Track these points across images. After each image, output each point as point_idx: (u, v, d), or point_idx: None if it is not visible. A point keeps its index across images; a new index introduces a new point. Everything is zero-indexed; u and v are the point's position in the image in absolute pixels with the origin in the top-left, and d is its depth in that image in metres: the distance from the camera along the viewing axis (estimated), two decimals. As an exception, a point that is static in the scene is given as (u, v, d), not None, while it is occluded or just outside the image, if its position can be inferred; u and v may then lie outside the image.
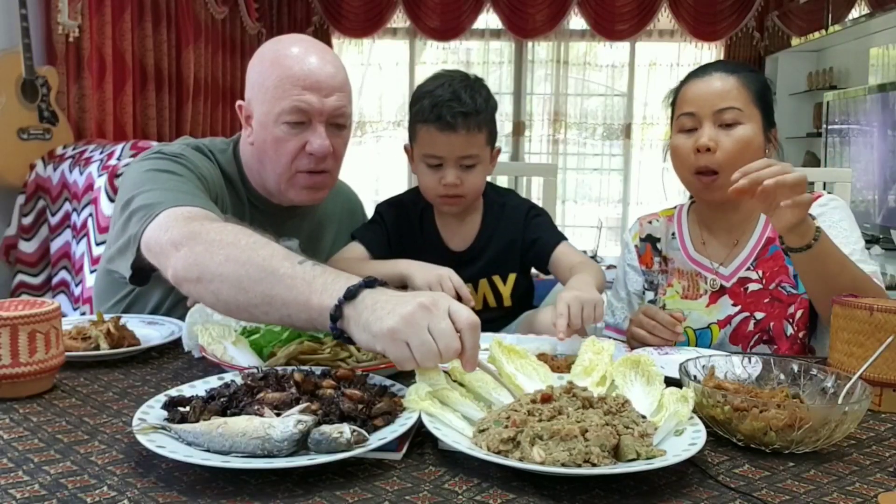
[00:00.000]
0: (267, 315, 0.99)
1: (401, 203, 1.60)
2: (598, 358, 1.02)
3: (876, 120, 4.19)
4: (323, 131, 1.34)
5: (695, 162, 1.37)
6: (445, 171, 1.44)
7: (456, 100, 1.40)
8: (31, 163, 3.00)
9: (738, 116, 1.35)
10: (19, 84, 2.97)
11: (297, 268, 0.97)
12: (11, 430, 0.88)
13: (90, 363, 1.15)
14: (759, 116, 1.37)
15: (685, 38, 6.27)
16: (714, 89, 1.37)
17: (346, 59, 6.47)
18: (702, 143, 1.34)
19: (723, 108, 1.35)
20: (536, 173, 2.39)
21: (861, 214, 4.23)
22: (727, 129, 1.35)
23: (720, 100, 1.35)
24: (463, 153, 1.43)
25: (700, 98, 1.37)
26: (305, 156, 1.34)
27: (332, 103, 1.33)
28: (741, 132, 1.35)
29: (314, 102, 1.31)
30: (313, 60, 1.33)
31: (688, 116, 1.38)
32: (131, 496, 0.72)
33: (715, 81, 1.37)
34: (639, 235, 1.57)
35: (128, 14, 3.71)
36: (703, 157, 1.35)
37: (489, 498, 0.73)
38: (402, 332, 0.85)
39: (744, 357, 1.02)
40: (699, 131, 1.36)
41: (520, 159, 6.37)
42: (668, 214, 1.57)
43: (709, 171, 1.36)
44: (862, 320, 1.01)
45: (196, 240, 1.07)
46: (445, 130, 1.40)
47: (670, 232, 1.54)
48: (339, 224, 1.63)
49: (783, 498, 0.74)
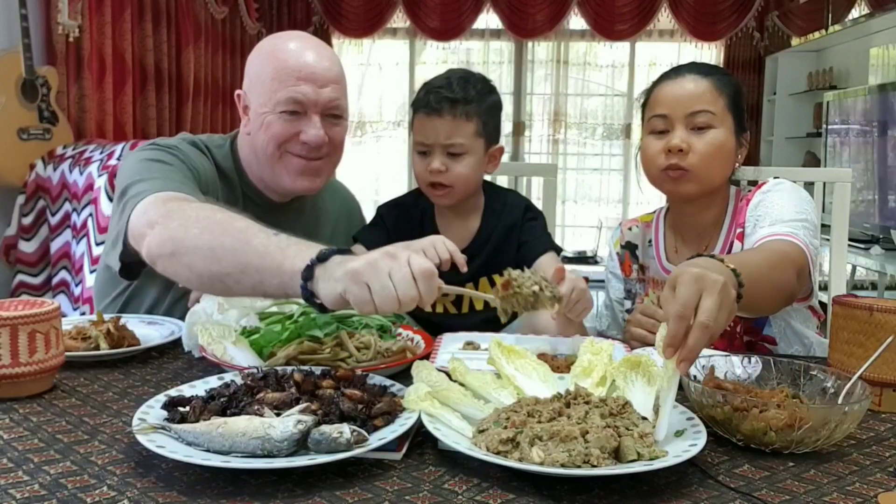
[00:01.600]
0: (239, 284, 1.02)
1: (401, 204, 1.60)
2: (598, 358, 1.02)
3: (876, 120, 4.19)
4: (318, 121, 1.37)
5: (665, 162, 1.36)
6: (430, 157, 1.46)
7: (446, 87, 1.43)
8: (31, 163, 3.00)
9: (710, 120, 1.34)
10: (19, 84, 2.97)
11: (271, 238, 1.00)
12: (11, 430, 0.88)
13: (90, 363, 1.15)
14: (732, 121, 1.36)
15: (685, 38, 6.27)
16: (687, 92, 1.35)
17: (346, 59, 6.47)
18: (674, 144, 1.33)
19: (696, 110, 1.33)
20: (536, 173, 2.39)
21: (861, 214, 4.23)
22: (699, 132, 1.34)
23: (693, 102, 1.34)
24: (447, 140, 1.44)
25: (673, 100, 1.36)
26: (298, 143, 1.37)
27: (328, 94, 1.36)
28: (713, 136, 1.34)
29: (309, 93, 1.34)
30: (310, 54, 1.37)
31: (660, 118, 1.37)
32: (131, 496, 0.72)
33: (688, 83, 1.36)
34: (619, 242, 1.58)
35: (128, 14, 3.72)
36: (675, 157, 1.34)
37: (489, 498, 0.73)
38: (365, 273, 0.88)
39: (744, 357, 1.02)
40: (671, 133, 1.35)
41: (520, 159, 6.37)
42: (647, 220, 1.56)
43: (679, 169, 1.35)
44: (862, 320, 1.01)
45: (171, 217, 1.10)
46: (431, 115, 1.43)
47: (647, 239, 1.53)
48: (335, 223, 1.63)
49: (783, 498, 0.74)
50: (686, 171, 1.34)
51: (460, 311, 1.54)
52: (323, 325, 1.19)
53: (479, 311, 1.53)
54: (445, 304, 1.54)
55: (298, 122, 1.36)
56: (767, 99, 6.12)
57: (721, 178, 1.38)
